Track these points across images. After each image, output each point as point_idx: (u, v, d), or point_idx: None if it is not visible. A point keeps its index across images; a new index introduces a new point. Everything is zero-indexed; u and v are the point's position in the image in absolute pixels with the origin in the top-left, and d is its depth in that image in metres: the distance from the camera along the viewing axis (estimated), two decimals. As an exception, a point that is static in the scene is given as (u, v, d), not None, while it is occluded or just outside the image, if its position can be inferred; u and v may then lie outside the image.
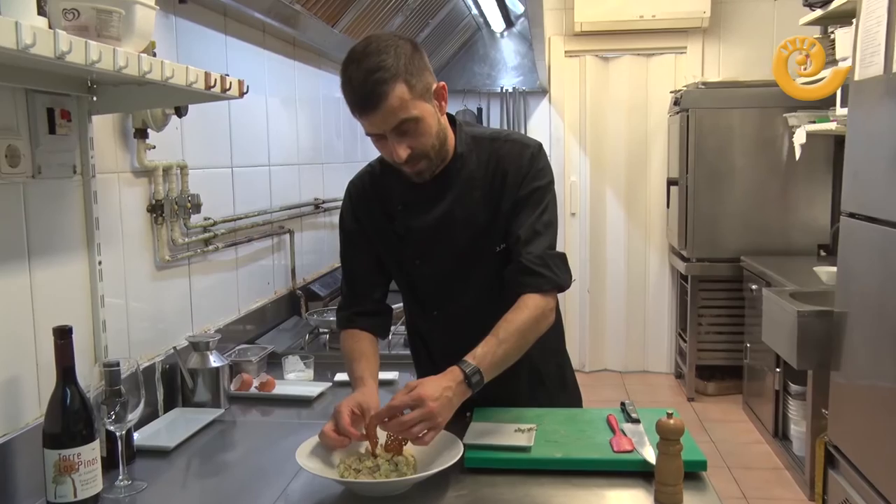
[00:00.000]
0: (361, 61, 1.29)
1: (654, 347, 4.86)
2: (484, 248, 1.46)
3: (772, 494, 3.12)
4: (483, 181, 1.45)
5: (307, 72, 2.85)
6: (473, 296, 1.48)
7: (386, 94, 1.27)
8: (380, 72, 1.27)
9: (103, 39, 1.15)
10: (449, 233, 1.45)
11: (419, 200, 1.46)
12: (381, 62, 1.27)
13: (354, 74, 1.29)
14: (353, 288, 1.58)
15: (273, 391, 1.84)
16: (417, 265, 1.50)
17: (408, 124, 1.31)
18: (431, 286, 1.52)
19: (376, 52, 1.28)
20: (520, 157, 1.44)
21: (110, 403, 1.27)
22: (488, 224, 1.44)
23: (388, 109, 1.28)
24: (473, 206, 1.44)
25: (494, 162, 1.45)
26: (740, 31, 4.53)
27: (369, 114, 1.30)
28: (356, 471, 1.24)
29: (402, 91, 1.28)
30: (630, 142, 4.74)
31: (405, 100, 1.29)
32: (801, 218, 4.05)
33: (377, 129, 1.32)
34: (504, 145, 1.46)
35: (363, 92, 1.28)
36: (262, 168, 2.43)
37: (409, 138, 1.33)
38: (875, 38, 2.02)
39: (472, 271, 1.48)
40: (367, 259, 1.55)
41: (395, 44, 1.31)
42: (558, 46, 4.71)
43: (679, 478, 1.18)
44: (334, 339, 2.32)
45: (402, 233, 1.49)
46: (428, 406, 1.21)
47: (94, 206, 1.49)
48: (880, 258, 2.02)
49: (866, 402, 2.11)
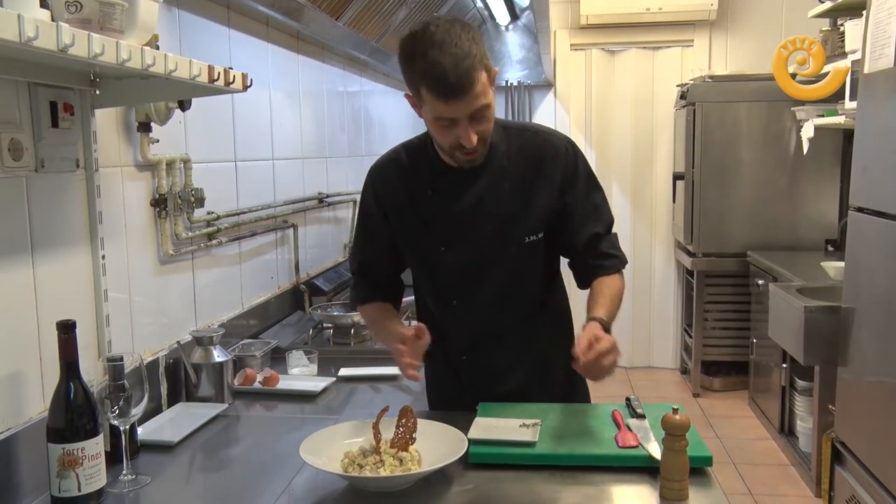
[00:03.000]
0: (446, 47, 1.28)
1: (659, 343, 4.85)
2: (510, 238, 1.47)
3: (778, 491, 3.11)
4: (514, 171, 1.47)
5: (311, 65, 2.84)
6: (494, 287, 1.49)
7: (475, 81, 1.30)
8: (468, 58, 1.28)
9: (106, 32, 1.14)
10: (476, 221, 1.46)
11: (449, 187, 1.47)
12: (467, 49, 1.29)
13: (441, 60, 1.28)
14: (366, 269, 1.59)
15: (277, 386, 1.84)
16: (442, 252, 1.50)
17: (483, 110, 1.34)
18: (453, 275, 1.51)
19: (458, 39, 1.29)
20: (556, 153, 1.48)
21: (114, 398, 1.27)
22: (517, 214, 1.46)
23: (473, 95, 1.31)
24: (503, 195, 1.46)
25: (527, 153, 1.47)
26: (748, 23, 4.50)
27: (457, 99, 1.30)
28: (360, 466, 1.24)
29: (484, 77, 1.32)
30: (636, 136, 4.71)
31: (485, 86, 1.33)
32: (808, 213, 4.03)
33: (455, 115, 1.33)
34: (535, 137, 1.50)
35: (455, 77, 1.28)
36: (265, 162, 2.43)
37: (479, 124, 1.36)
38: (886, 31, 2.00)
39: (495, 261, 1.48)
40: (384, 242, 1.56)
41: (469, 30, 1.33)
42: (564, 40, 4.69)
43: (684, 474, 1.17)
44: (338, 334, 2.32)
45: (429, 219, 1.49)
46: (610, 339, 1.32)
47: (97, 200, 1.48)
48: (889, 253, 2.00)
49: (873, 398, 2.10)
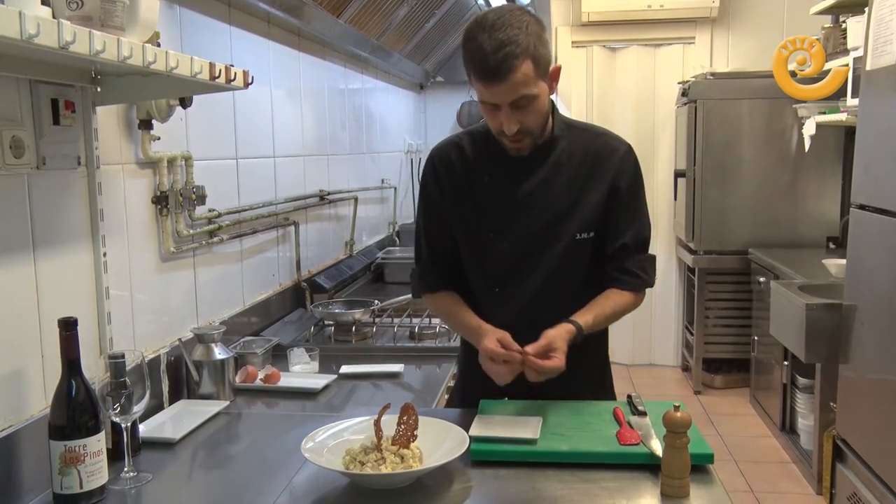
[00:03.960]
0: (493, 31, 1.31)
1: (660, 340, 4.84)
2: (560, 233, 1.48)
3: (779, 488, 3.11)
4: (571, 168, 1.49)
5: (312, 63, 2.83)
6: (538, 279, 1.50)
7: (515, 68, 1.31)
8: (511, 45, 1.30)
9: (107, 29, 1.14)
10: (529, 211, 1.48)
11: (508, 175, 1.49)
12: (514, 36, 1.31)
13: (486, 43, 1.31)
14: (433, 251, 1.59)
15: (278, 383, 1.84)
16: (491, 238, 1.51)
17: (525, 100, 1.35)
18: (500, 262, 1.52)
19: (509, 25, 1.32)
20: (614, 154, 1.49)
21: (115, 395, 1.27)
22: (568, 210, 1.48)
23: (512, 83, 1.32)
24: (558, 190, 1.48)
25: (585, 152, 1.49)
26: (750, 20, 4.49)
27: (494, 84, 1.33)
28: (362, 463, 1.24)
29: (528, 67, 1.32)
30: (637, 133, 4.70)
31: (529, 76, 1.33)
32: (810, 210, 4.02)
33: (496, 100, 1.35)
34: (597, 138, 1.51)
35: (494, 62, 1.31)
36: (266, 160, 2.43)
37: (522, 114, 1.37)
38: (888, 27, 2.00)
39: (543, 253, 1.49)
40: (446, 226, 1.57)
41: (526, 19, 1.34)
42: (565, 37, 4.68)
43: (686, 471, 1.17)
44: (339, 331, 2.32)
45: (483, 204, 1.51)
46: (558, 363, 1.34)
47: (98, 197, 1.48)
48: (890, 250, 2.00)
49: (875, 395, 2.09)
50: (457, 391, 1.72)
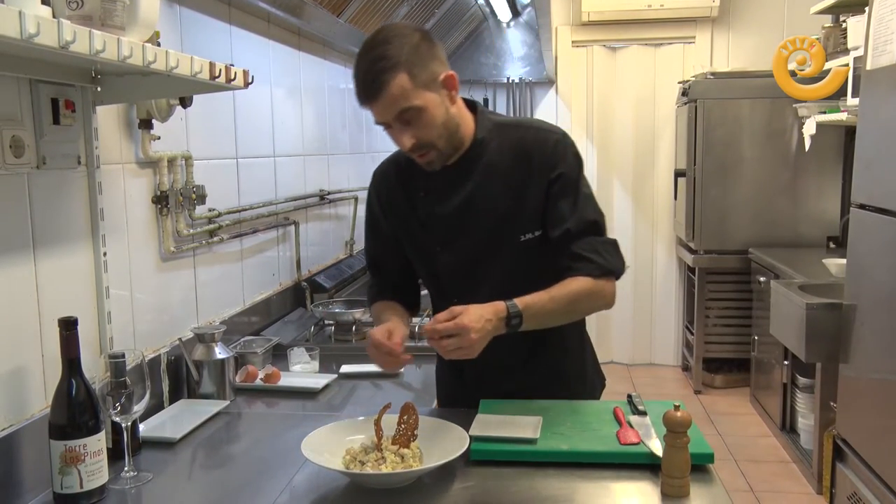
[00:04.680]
0: (369, 52, 1.32)
1: (660, 340, 4.84)
2: (507, 237, 1.45)
3: (779, 487, 3.11)
4: (506, 169, 1.44)
5: (313, 62, 2.83)
6: (492, 287, 1.45)
7: (386, 83, 1.29)
8: (382, 61, 1.30)
9: (107, 29, 1.14)
10: (470, 220, 1.46)
11: (440, 187, 1.47)
12: (384, 52, 1.30)
13: (361, 64, 1.33)
14: (377, 271, 1.62)
15: (278, 383, 1.84)
16: (438, 252, 1.50)
17: (410, 114, 1.33)
18: (452, 274, 1.51)
19: (382, 42, 1.31)
20: (545, 145, 1.44)
21: (116, 395, 1.27)
22: (511, 212, 1.44)
23: (388, 98, 1.31)
24: (495, 194, 1.44)
25: (517, 149, 1.44)
26: (750, 20, 4.49)
27: (371, 102, 1.33)
28: (362, 463, 1.24)
29: (403, 80, 1.30)
30: (637, 133, 4.71)
31: (406, 89, 1.30)
32: (810, 209, 4.02)
33: (380, 118, 1.35)
34: (528, 132, 1.46)
35: (366, 81, 1.31)
36: (266, 159, 2.43)
37: (413, 128, 1.35)
38: (888, 27, 1.99)
39: (493, 260, 1.47)
40: (391, 244, 1.57)
41: (401, 33, 1.33)
42: (565, 36, 4.68)
43: (686, 470, 1.17)
44: (340, 330, 2.32)
45: (424, 219, 1.49)
46: (469, 338, 1.27)
47: (98, 196, 1.48)
48: (891, 250, 2.00)
49: (875, 395, 2.09)
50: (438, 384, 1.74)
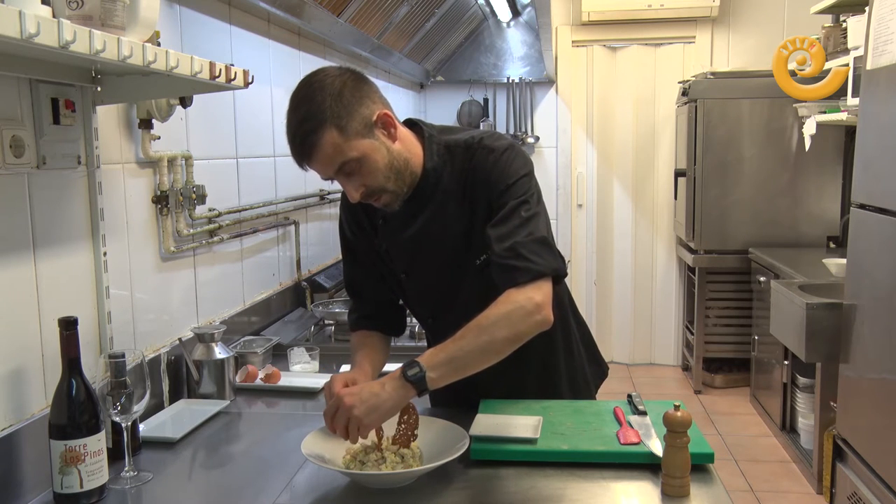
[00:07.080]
0: (295, 109, 1.27)
1: (661, 340, 4.84)
2: (463, 262, 1.41)
3: (779, 487, 3.11)
4: (457, 193, 1.39)
5: (313, 62, 2.83)
6: (463, 307, 1.37)
7: (316, 144, 1.25)
8: (307, 122, 1.25)
9: (107, 29, 1.14)
10: (428, 248, 1.43)
11: (398, 215, 1.42)
12: (307, 111, 1.25)
13: (289, 126, 1.28)
14: (354, 293, 1.59)
15: (278, 383, 1.84)
16: (403, 278, 1.49)
17: (349, 166, 1.28)
18: (421, 298, 1.52)
19: (305, 100, 1.26)
20: (486, 163, 1.37)
21: (116, 394, 1.27)
22: (462, 238, 1.39)
23: (322, 157, 1.26)
24: (449, 220, 1.39)
25: (468, 171, 1.38)
26: (750, 20, 4.49)
27: (307, 163, 1.29)
28: (362, 462, 1.24)
29: (333, 136, 1.25)
30: (638, 132, 4.71)
31: (338, 144, 1.25)
32: (810, 209, 4.02)
33: (323, 176, 1.32)
34: (477, 152, 1.38)
35: (295, 143, 1.27)
36: (267, 159, 2.43)
37: (358, 177, 1.30)
38: (888, 27, 1.99)
39: (457, 285, 1.44)
40: (366, 266, 1.55)
41: (322, 84, 1.26)
42: (566, 36, 4.68)
43: (686, 470, 1.17)
44: (340, 330, 2.32)
45: (386, 247, 1.48)
46: (344, 402, 1.21)
47: (98, 196, 1.48)
48: (891, 250, 1.99)
49: (875, 394, 2.09)
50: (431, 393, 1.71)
